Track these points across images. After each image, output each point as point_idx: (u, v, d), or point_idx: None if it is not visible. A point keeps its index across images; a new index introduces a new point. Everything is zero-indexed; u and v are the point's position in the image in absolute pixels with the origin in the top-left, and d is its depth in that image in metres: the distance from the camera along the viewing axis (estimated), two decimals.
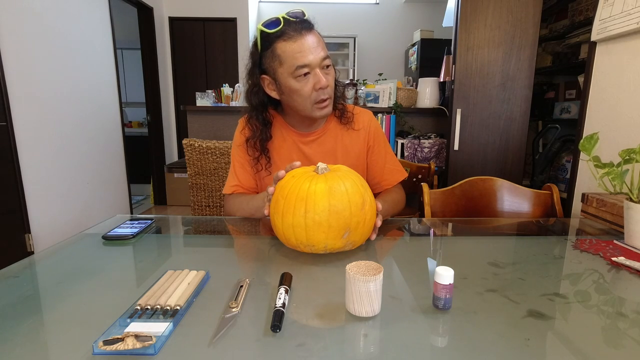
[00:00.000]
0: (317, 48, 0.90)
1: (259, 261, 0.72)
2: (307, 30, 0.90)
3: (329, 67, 0.93)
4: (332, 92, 0.96)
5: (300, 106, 0.95)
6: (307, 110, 0.95)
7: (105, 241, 0.79)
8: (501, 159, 2.22)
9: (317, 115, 0.96)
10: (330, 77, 0.93)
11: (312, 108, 0.94)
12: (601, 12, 1.46)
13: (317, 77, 0.90)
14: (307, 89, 0.92)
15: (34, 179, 2.29)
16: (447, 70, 2.39)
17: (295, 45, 0.88)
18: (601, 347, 0.44)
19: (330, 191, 0.66)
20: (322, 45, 0.92)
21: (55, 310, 0.53)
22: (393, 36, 4.86)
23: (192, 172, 2.16)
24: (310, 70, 0.90)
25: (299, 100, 0.94)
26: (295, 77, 0.91)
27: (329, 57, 0.94)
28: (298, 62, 0.88)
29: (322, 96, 0.93)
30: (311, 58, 0.89)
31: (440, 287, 0.51)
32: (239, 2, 4.28)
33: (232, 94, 2.99)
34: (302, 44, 0.88)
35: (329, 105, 0.96)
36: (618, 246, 0.76)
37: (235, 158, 1.06)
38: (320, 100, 0.93)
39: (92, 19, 2.91)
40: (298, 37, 0.88)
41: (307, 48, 0.88)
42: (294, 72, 0.90)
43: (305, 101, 0.93)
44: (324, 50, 0.91)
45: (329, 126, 1.06)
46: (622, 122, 1.39)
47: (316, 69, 0.90)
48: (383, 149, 1.09)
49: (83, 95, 2.77)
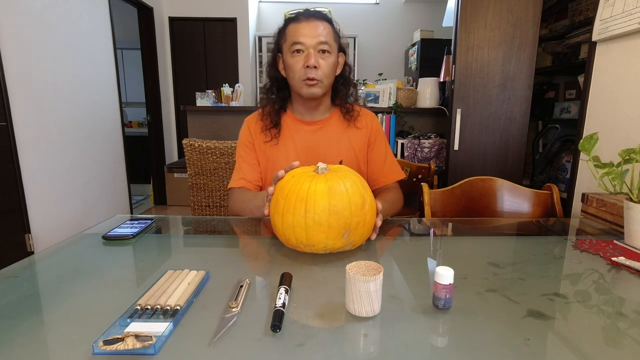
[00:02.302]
0: (316, 31, 0.97)
1: (259, 261, 0.72)
2: (316, 18, 0.99)
3: (325, 52, 0.99)
4: (324, 77, 1.00)
5: (293, 82, 1.02)
6: (297, 86, 1.02)
7: (105, 241, 0.79)
8: (501, 159, 2.22)
9: (304, 92, 1.01)
10: (324, 62, 0.99)
11: (300, 84, 1.00)
12: (602, 12, 1.46)
13: (308, 56, 0.97)
14: (298, 66, 0.99)
15: (34, 179, 2.29)
16: (447, 70, 2.39)
17: (299, 25, 0.98)
18: (601, 347, 0.44)
19: (330, 191, 0.66)
20: (326, 34, 0.98)
21: (55, 310, 0.53)
22: (393, 36, 4.86)
23: (192, 172, 2.16)
24: (304, 49, 0.97)
25: (291, 75, 1.01)
26: (291, 53, 0.99)
27: (328, 44, 0.99)
28: (294, 38, 0.97)
29: (309, 74, 0.98)
30: (307, 38, 0.97)
31: (440, 287, 0.51)
32: (239, 2, 4.28)
33: (232, 94, 2.99)
34: (303, 26, 0.98)
35: (317, 86, 1.00)
36: (618, 246, 0.76)
37: (240, 154, 1.10)
38: (307, 78, 0.99)
39: (92, 19, 2.91)
40: (304, 20, 0.98)
41: (307, 29, 0.97)
42: (290, 47, 0.98)
43: (296, 76, 1.00)
44: (325, 37, 0.98)
45: (333, 118, 1.11)
46: (622, 122, 1.39)
47: (310, 49, 0.97)
48: (383, 147, 1.14)
49: (83, 95, 2.77)
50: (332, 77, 1.04)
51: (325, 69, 1.00)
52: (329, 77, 1.02)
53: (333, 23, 1.04)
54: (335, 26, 1.04)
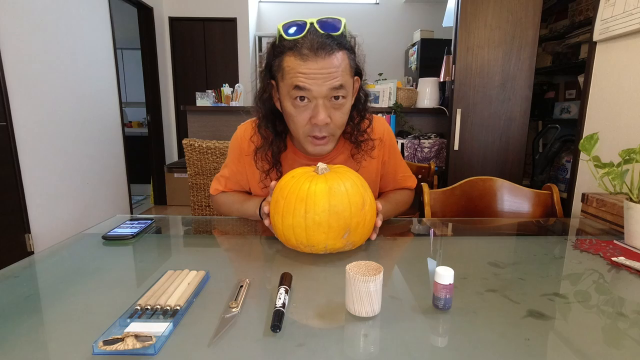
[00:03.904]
0: (328, 75, 0.73)
1: (259, 261, 0.72)
2: (326, 52, 0.72)
3: (340, 98, 0.76)
4: (337, 129, 0.81)
5: (295, 133, 0.82)
6: (299, 139, 0.82)
7: (105, 241, 0.79)
8: (501, 159, 2.22)
9: (310, 150, 0.83)
10: (337, 114, 0.78)
11: (304, 139, 0.81)
12: (602, 12, 1.46)
13: (316, 109, 0.75)
14: (302, 118, 0.77)
15: (34, 179, 2.29)
16: (447, 70, 2.39)
17: (302, 64, 0.72)
18: (601, 347, 0.44)
19: (330, 191, 0.66)
20: (342, 72, 0.74)
21: (55, 310, 0.53)
22: (393, 36, 4.86)
23: (192, 172, 2.16)
24: (310, 98, 0.75)
25: (292, 126, 0.81)
26: (292, 99, 0.76)
27: (344, 88, 0.75)
28: (296, 81, 0.73)
29: (316, 132, 0.78)
30: (316, 85, 0.73)
31: (440, 287, 0.51)
32: (239, 2, 4.28)
33: (232, 94, 3.00)
34: (309, 66, 0.72)
35: (329, 143, 0.82)
36: (618, 246, 0.76)
37: (229, 165, 0.97)
38: (314, 136, 0.80)
39: (92, 19, 2.91)
40: (309, 56, 0.72)
41: (313, 72, 0.72)
42: (291, 92, 0.75)
43: (299, 131, 0.80)
44: (341, 78, 0.74)
45: (342, 155, 0.93)
46: (622, 122, 1.39)
47: (319, 100, 0.75)
48: (395, 160, 1.01)
49: (83, 95, 2.77)
50: (346, 123, 0.83)
51: (338, 122, 0.79)
52: (343, 127, 0.82)
53: (350, 49, 0.77)
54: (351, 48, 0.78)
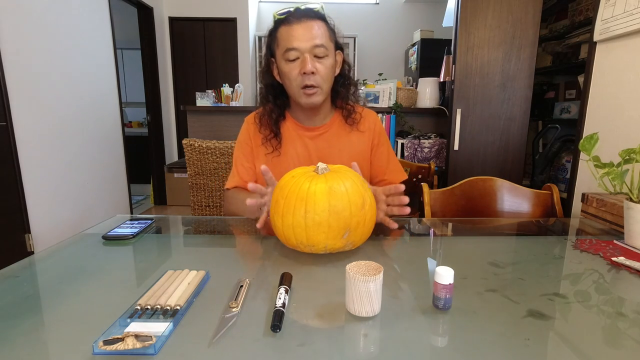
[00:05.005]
0: (310, 34, 0.91)
1: (259, 261, 0.72)
2: (308, 18, 0.92)
3: (322, 57, 0.93)
4: (323, 82, 0.96)
5: (291, 91, 0.98)
6: (295, 95, 0.97)
7: (105, 241, 0.79)
8: (501, 159, 2.22)
9: (303, 102, 0.97)
10: (321, 67, 0.94)
11: (298, 93, 0.96)
12: (603, 12, 1.46)
13: (304, 62, 0.92)
14: (294, 73, 0.94)
15: (34, 179, 2.29)
16: (447, 70, 2.39)
17: (290, 28, 0.92)
18: (601, 347, 0.44)
19: (330, 191, 0.66)
20: (321, 35, 0.92)
21: (55, 310, 0.53)
22: (393, 36, 4.85)
23: (192, 172, 2.16)
24: (299, 55, 0.92)
25: (288, 83, 0.97)
26: (285, 60, 0.94)
27: (324, 46, 0.93)
28: (288, 44, 0.92)
29: (306, 81, 0.93)
30: (301, 42, 0.91)
31: (440, 287, 0.51)
32: (239, 2, 4.28)
33: (232, 94, 2.99)
34: (296, 29, 0.91)
35: (317, 94, 0.96)
36: (618, 246, 0.76)
37: (237, 155, 1.08)
38: (304, 86, 0.94)
39: (92, 19, 2.91)
40: (295, 22, 0.91)
41: (299, 33, 0.91)
42: (284, 54, 0.93)
43: (293, 85, 0.95)
44: (320, 39, 0.92)
45: (335, 123, 1.07)
46: (622, 122, 1.39)
47: (305, 54, 0.91)
48: (386, 149, 1.11)
49: (83, 96, 2.77)
50: (331, 80, 0.99)
51: (323, 73, 0.95)
52: (328, 80, 0.98)
53: (327, 20, 0.98)
54: (330, 23, 0.98)
